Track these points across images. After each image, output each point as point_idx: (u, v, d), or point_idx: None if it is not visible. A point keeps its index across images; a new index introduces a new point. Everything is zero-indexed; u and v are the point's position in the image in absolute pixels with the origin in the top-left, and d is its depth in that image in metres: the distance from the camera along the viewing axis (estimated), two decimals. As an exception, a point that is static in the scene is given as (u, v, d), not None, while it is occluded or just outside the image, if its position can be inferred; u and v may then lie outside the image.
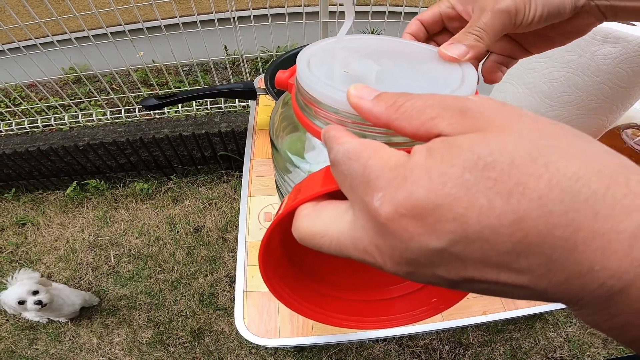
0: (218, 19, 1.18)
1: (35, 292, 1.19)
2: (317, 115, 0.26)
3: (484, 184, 0.12)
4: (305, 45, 0.80)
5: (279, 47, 1.82)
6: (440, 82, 0.25)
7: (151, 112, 1.49)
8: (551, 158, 0.12)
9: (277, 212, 0.23)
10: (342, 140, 0.17)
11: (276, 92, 0.68)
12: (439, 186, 0.13)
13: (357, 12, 1.22)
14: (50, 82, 1.38)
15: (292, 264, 0.31)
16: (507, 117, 0.14)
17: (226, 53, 1.38)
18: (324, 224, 0.18)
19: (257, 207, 0.61)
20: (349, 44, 0.26)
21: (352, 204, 0.17)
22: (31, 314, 1.23)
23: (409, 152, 0.24)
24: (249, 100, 0.78)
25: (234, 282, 1.42)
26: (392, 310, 0.32)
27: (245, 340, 0.49)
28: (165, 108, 1.48)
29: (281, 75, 0.31)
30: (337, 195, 0.19)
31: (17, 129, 1.56)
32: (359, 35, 0.30)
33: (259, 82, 0.89)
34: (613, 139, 0.55)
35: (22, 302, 1.17)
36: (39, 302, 1.19)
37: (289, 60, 0.79)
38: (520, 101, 0.57)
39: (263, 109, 0.81)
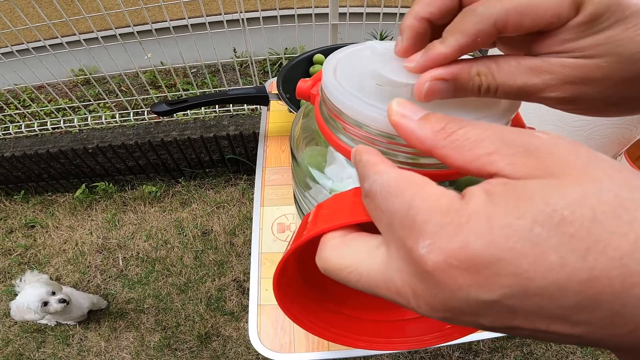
0: (227, 21, 1.17)
1: (53, 293, 1.19)
2: (343, 131, 0.24)
3: (558, 240, 0.11)
4: (318, 49, 0.78)
5: (286, 49, 1.81)
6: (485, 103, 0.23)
7: (157, 115, 1.49)
8: (638, 215, 0.11)
9: (297, 233, 0.21)
10: (380, 169, 0.16)
11: (289, 98, 0.67)
12: (502, 239, 0.11)
13: (367, 14, 1.20)
14: (60, 84, 1.37)
15: (305, 281, 0.29)
16: (584, 161, 0.12)
17: (235, 55, 1.37)
18: (353, 258, 0.16)
19: (270, 217, 0.60)
20: (382, 51, 0.24)
21: (387, 242, 0.15)
22: (43, 317, 1.23)
23: (434, 176, 0.22)
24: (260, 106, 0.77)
25: (241, 286, 1.42)
26: (404, 333, 0.31)
27: (260, 354, 0.48)
28: (174, 111, 1.47)
29: (303, 84, 0.29)
30: (366, 225, 0.18)
31: (26, 131, 1.56)
32: (393, 43, 0.27)
33: (270, 86, 0.87)
34: (642, 148, 0.53)
35: (45, 303, 1.17)
36: (64, 300, 1.18)
37: (300, 64, 0.77)
38: (546, 109, 0.55)
39: (274, 114, 0.79)
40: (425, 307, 0.14)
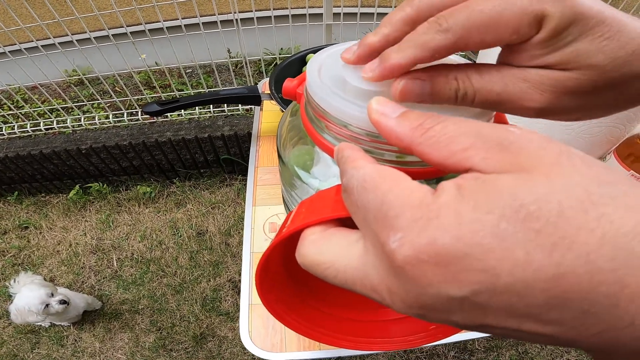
0: (220, 21, 1.17)
1: (51, 294, 1.19)
2: (328, 130, 0.25)
3: (524, 235, 0.11)
4: (310, 49, 0.79)
5: (282, 49, 1.81)
6: None
7: (149, 116, 1.49)
8: (606, 210, 0.11)
9: (279, 230, 0.21)
10: (358, 164, 0.16)
11: (281, 98, 0.67)
12: (469, 234, 0.11)
13: (361, 14, 1.20)
14: (53, 85, 1.37)
15: (290, 278, 0.29)
16: (554, 156, 0.12)
17: (229, 56, 1.37)
18: (331, 253, 0.16)
19: (262, 217, 0.60)
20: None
21: (364, 237, 0.15)
22: (45, 319, 1.22)
23: (420, 173, 0.22)
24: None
25: (237, 287, 1.42)
26: (388, 333, 0.31)
27: (256, 356, 0.48)
28: (168, 111, 1.47)
29: (289, 84, 0.29)
30: (348, 221, 0.18)
31: (19, 132, 1.55)
32: None
33: (263, 86, 0.88)
34: (631, 146, 0.54)
35: (46, 305, 1.17)
36: (64, 302, 1.18)
37: (293, 64, 0.78)
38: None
39: (267, 114, 0.79)
40: (400, 304, 0.13)
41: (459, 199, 0.12)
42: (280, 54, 1.40)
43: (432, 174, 0.24)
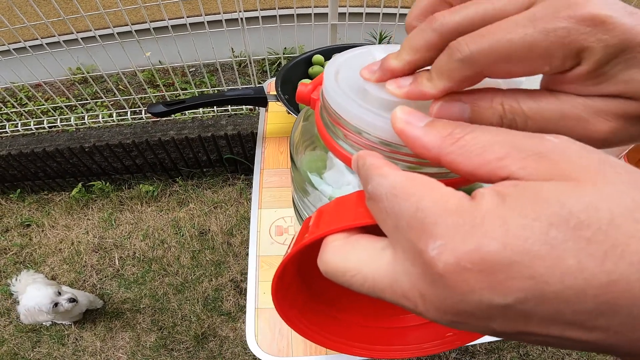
0: (225, 20, 1.16)
1: (59, 293, 1.19)
2: (344, 137, 0.24)
3: (575, 244, 0.11)
4: (317, 50, 0.78)
5: (285, 48, 1.80)
6: None
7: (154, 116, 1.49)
8: None
9: (297, 237, 0.21)
10: (384, 171, 0.15)
11: (287, 99, 0.66)
12: (517, 241, 0.11)
13: (366, 14, 1.20)
14: (57, 83, 1.36)
15: (304, 286, 0.29)
16: (596, 164, 0.12)
17: (233, 55, 1.36)
18: (357, 260, 0.16)
19: (268, 220, 0.59)
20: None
21: (393, 244, 0.15)
22: (49, 317, 1.22)
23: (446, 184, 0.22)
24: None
25: (238, 286, 1.42)
26: (404, 340, 0.30)
27: (259, 359, 0.48)
28: (172, 110, 1.47)
29: (303, 88, 0.29)
30: (369, 228, 0.17)
31: (23, 129, 1.55)
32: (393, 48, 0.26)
33: (269, 86, 0.87)
34: (641, 152, 0.53)
35: (56, 304, 1.17)
36: (73, 300, 1.19)
37: (299, 64, 0.77)
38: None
39: (273, 115, 0.78)
40: (434, 311, 0.13)
41: (503, 205, 0.12)
42: (284, 54, 1.40)
43: (451, 184, 0.24)
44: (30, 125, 1.52)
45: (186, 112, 1.56)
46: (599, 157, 0.12)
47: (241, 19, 1.17)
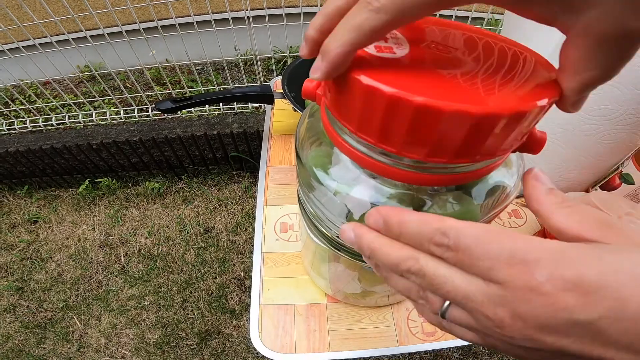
0: (232, 18, 1.17)
1: None
2: (349, 132, 0.24)
3: None
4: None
5: (291, 47, 1.80)
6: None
7: (162, 113, 1.50)
8: None
9: None
10: (452, 223, 0.18)
11: (294, 97, 0.66)
12: (611, 271, 0.15)
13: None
14: (65, 80, 1.38)
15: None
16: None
17: (239, 53, 1.37)
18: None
19: (273, 217, 0.59)
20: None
21: (488, 282, 0.18)
22: None
23: (436, 180, 0.24)
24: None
25: (242, 284, 1.42)
26: None
27: (260, 353, 0.48)
28: (178, 108, 1.47)
29: (309, 84, 0.28)
30: None
31: (31, 126, 1.57)
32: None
33: (275, 84, 0.87)
34: (650, 153, 0.52)
35: None
36: None
37: (305, 62, 0.77)
38: (554, 111, 0.55)
39: (279, 112, 0.79)
40: (521, 326, 0.16)
41: (598, 248, 0.16)
42: (290, 53, 1.40)
43: (450, 181, 0.23)
44: (38, 122, 1.54)
45: (192, 109, 1.56)
46: None
47: (248, 17, 1.18)
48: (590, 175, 0.58)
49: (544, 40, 0.43)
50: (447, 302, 0.19)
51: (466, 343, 0.48)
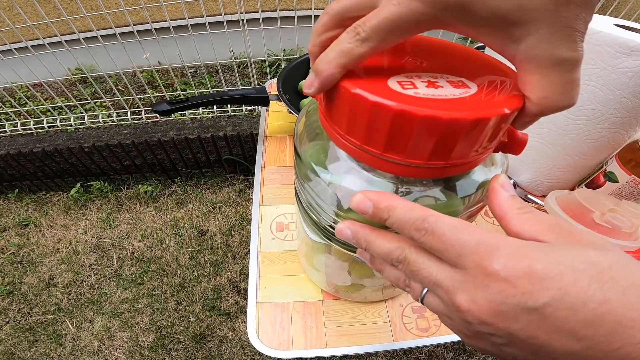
0: (226, 21, 1.18)
1: None
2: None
3: (588, 272, 0.16)
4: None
5: (284, 50, 1.81)
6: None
7: (158, 115, 1.49)
8: (634, 272, 0.17)
9: None
10: (431, 212, 0.20)
11: (288, 99, 0.67)
12: (555, 265, 0.17)
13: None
14: (57, 82, 1.37)
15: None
16: (595, 239, 0.19)
17: (233, 56, 1.38)
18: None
19: (269, 216, 0.60)
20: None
21: (454, 265, 0.20)
22: None
23: (423, 171, 0.25)
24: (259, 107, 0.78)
25: (237, 287, 1.42)
26: None
27: (258, 352, 0.48)
28: (171, 110, 1.47)
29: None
30: None
31: (22, 129, 1.55)
32: None
33: (270, 87, 0.88)
34: (632, 152, 0.54)
35: None
36: None
37: (300, 65, 0.78)
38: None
39: (274, 115, 0.80)
40: (477, 310, 0.18)
41: (547, 247, 0.18)
42: (284, 56, 1.41)
43: (431, 174, 0.25)
44: (29, 125, 1.53)
45: (186, 112, 1.57)
46: (598, 237, 0.19)
47: (242, 20, 1.19)
48: (575, 174, 0.60)
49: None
50: (425, 289, 0.22)
51: (459, 339, 0.50)
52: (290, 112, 0.65)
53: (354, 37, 0.20)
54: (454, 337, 0.50)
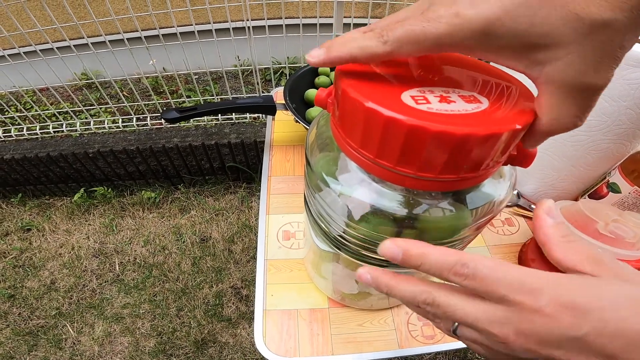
0: (233, 28, 1.19)
1: None
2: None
3: (628, 307, 0.18)
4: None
5: (288, 57, 1.83)
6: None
7: (162, 121, 1.50)
8: None
9: None
10: (471, 256, 0.21)
11: (295, 108, 0.68)
12: (596, 299, 0.18)
13: (355, 24, 1.22)
14: (63, 87, 1.38)
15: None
16: (629, 273, 0.20)
17: (239, 63, 1.39)
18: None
19: (275, 225, 0.61)
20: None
21: (496, 303, 0.21)
22: None
23: (432, 184, 0.26)
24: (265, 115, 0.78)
25: (239, 293, 1.42)
26: None
27: (262, 358, 0.49)
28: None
29: (321, 93, 0.31)
30: None
31: (27, 134, 1.56)
32: None
33: (275, 95, 0.89)
34: (636, 163, 0.55)
35: None
36: None
37: (306, 74, 0.79)
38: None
39: (280, 123, 0.80)
40: (523, 341, 0.20)
41: (588, 279, 0.20)
42: (288, 63, 1.42)
43: (441, 187, 0.25)
44: (35, 130, 1.54)
45: (190, 119, 1.58)
46: (632, 270, 0.21)
47: (248, 27, 1.20)
48: (579, 185, 0.61)
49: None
50: (457, 323, 0.23)
51: (463, 345, 0.50)
52: (296, 121, 0.66)
53: (376, 36, 0.21)
54: (459, 345, 0.50)
